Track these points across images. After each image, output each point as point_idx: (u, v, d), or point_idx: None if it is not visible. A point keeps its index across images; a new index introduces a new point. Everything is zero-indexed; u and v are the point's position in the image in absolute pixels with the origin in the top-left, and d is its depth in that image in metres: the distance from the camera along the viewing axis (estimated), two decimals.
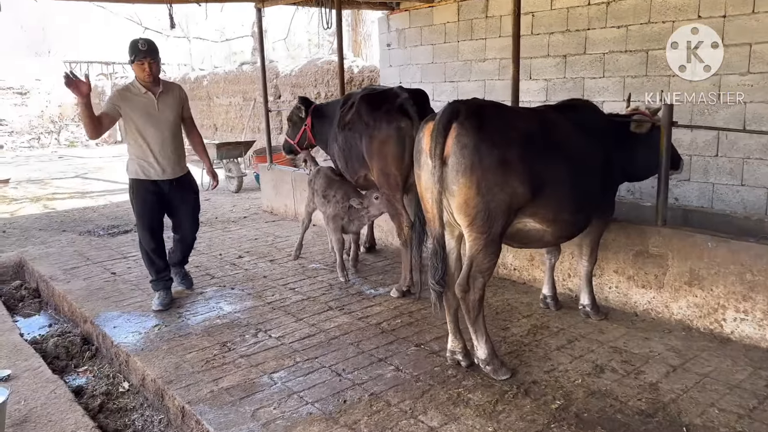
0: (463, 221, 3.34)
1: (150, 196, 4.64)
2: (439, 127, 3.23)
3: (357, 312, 4.62)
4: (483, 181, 3.22)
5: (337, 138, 5.20)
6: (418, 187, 3.54)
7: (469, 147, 3.21)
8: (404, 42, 9.02)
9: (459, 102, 3.36)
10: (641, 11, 6.23)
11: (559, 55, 7.07)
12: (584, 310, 4.35)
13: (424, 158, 3.40)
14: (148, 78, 4.46)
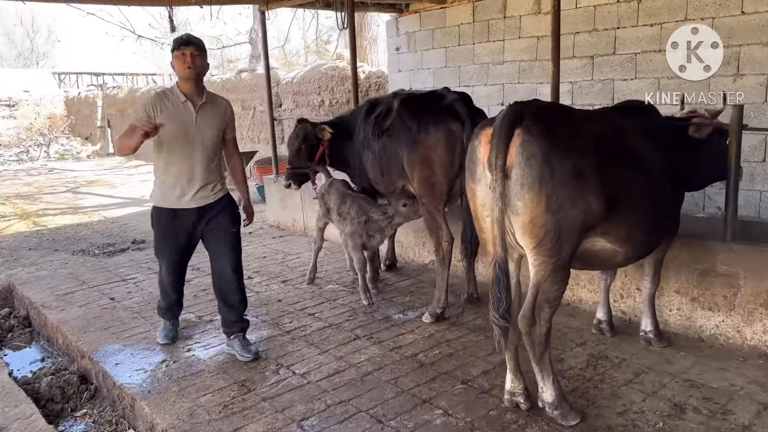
0: (529, 243, 2.87)
1: (170, 228, 3.89)
2: (501, 134, 2.76)
3: (388, 341, 4.13)
4: (553, 197, 2.76)
5: (371, 147, 4.76)
6: (472, 203, 3.07)
7: (537, 156, 2.75)
8: (414, 45, 8.59)
9: (521, 104, 2.90)
10: (677, 8, 5.81)
11: (585, 56, 6.65)
12: (645, 336, 3.89)
13: (480, 170, 2.93)
14: (189, 71, 3.63)
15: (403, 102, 4.56)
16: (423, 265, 5.84)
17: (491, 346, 3.93)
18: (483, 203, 2.95)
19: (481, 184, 2.93)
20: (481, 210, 2.98)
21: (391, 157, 4.55)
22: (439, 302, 4.45)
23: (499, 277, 2.85)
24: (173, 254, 4.02)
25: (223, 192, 3.96)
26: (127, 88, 20.41)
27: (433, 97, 4.48)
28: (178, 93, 3.75)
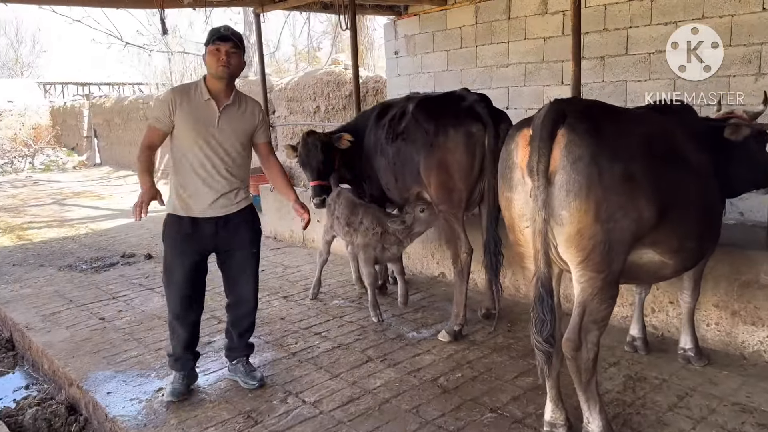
0: (575, 257, 2.57)
1: (182, 240, 3.38)
2: (542, 135, 2.46)
3: (404, 364, 3.81)
4: (603, 204, 2.46)
5: (384, 152, 4.47)
6: (508, 213, 2.76)
7: (585, 159, 2.45)
8: (414, 49, 8.30)
9: (562, 101, 2.60)
10: (693, 6, 5.57)
11: (595, 57, 6.39)
12: (685, 354, 3.60)
13: (518, 176, 2.63)
14: (222, 71, 3.23)
15: (419, 104, 4.28)
16: (432, 277, 5.54)
17: (518, 368, 3.66)
18: (521, 213, 2.65)
19: (518, 192, 2.63)
20: (518, 221, 2.68)
21: (406, 161, 4.25)
22: (458, 318, 4.15)
23: (542, 296, 2.55)
24: (185, 274, 3.44)
25: (246, 202, 3.55)
26: (114, 97, 19.99)
27: (451, 98, 4.20)
28: (203, 89, 3.33)
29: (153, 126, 3.37)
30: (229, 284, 3.63)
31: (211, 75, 3.32)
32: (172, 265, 3.44)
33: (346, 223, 4.59)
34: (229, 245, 3.49)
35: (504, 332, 4.23)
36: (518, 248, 2.78)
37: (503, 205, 2.78)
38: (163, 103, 3.34)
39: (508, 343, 4.05)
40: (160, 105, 3.37)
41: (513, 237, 2.79)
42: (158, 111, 3.36)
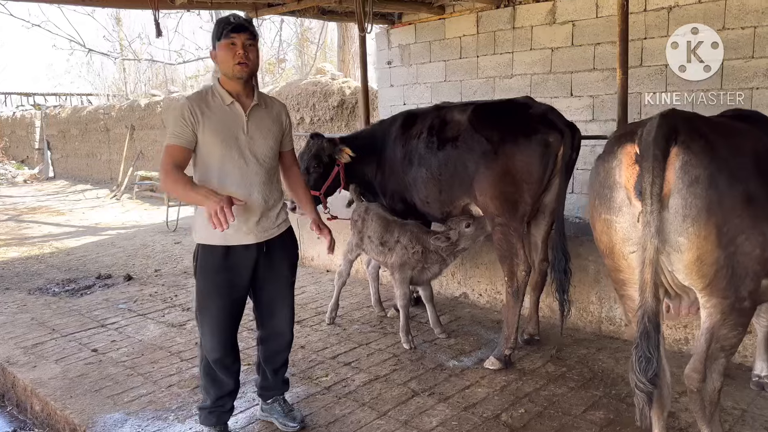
0: (697, 283, 2.32)
1: (224, 273, 2.89)
2: (656, 154, 2.19)
3: (456, 398, 3.45)
4: (725, 227, 2.22)
5: (424, 162, 4.14)
6: (606, 237, 2.46)
7: (703, 180, 2.20)
8: (409, 59, 8.02)
9: (669, 115, 2.33)
10: (713, 16, 5.46)
11: (607, 69, 6.23)
12: (760, 381, 3.36)
13: (622, 198, 2.35)
14: (241, 69, 2.77)
15: (477, 110, 3.97)
16: (453, 298, 5.20)
17: (583, 401, 3.35)
18: (625, 237, 2.37)
19: (622, 214, 2.36)
20: (621, 246, 2.40)
21: (457, 171, 3.94)
22: (508, 342, 3.83)
23: (648, 332, 2.27)
24: (227, 313, 2.94)
25: (286, 224, 3.11)
26: (70, 107, 19.00)
27: (515, 106, 3.92)
28: (221, 92, 2.86)
29: (173, 144, 2.79)
30: (263, 315, 3.16)
31: (226, 75, 2.85)
32: (210, 303, 2.93)
33: (380, 242, 4.21)
34: (267, 275, 3.04)
35: (553, 359, 3.92)
36: (617, 274, 2.50)
37: (600, 227, 2.48)
38: (180, 115, 2.80)
39: (561, 371, 3.74)
40: (176, 119, 2.81)
41: (612, 263, 2.50)
42: (176, 126, 2.80)
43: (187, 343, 4.48)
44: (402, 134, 4.42)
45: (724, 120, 2.85)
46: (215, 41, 2.86)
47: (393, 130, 4.58)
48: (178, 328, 4.84)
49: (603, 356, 3.93)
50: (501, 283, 4.85)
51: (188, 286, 6.10)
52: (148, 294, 5.87)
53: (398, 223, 4.23)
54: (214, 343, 2.95)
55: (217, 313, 2.93)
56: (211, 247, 2.90)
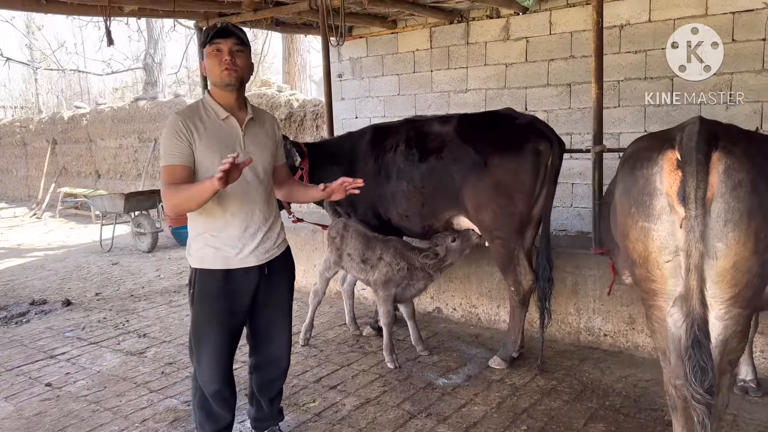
0: (725, 293, 2.30)
1: (224, 299, 2.69)
2: (699, 158, 2.18)
3: (454, 418, 3.36)
4: (762, 234, 2.23)
5: (405, 175, 4.06)
6: (642, 245, 2.42)
7: (746, 185, 2.20)
8: (360, 72, 7.95)
9: (707, 121, 2.34)
10: (662, 35, 5.72)
11: (561, 84, 6.40)
12: (744, 385, 3.48)
13: (662, 205, 2.31)
14: (229, 75, 2.58)
15: (463, 121, 3.94)
16: (426, 313, 5.12)
17: (580, 413, 3.35)
18: (663, 246, 2.34)
19: (662, 222, 2.32)
20: (657, 254, 2.36)
21: (442, 183, 3.89)
22: (515, 345, 3.94)
23: (700, 341, 2.22)
24: (226, 341, 2.75)
25: (285, 243, 2.94)
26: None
27: (500, 116, 3.93)
28: (214, 106, 2.66)
29: (170, 165, 2.55)
30: (260, 341, 2.97)
31: (215, 85, 2.67)
32: (210, 332, 2.72)
33: (361, 260, 4.08)
34: (267, 298, 2.85)
35: (541, 372, 3.91)
36: (649, 284, 2.46)
37: (635, 235, 2.45)
38: (174, 133, 2.57)
39: (552, 384, 3.73)
40: (169, 137, 2.58)
41: (643, 272, 2.47)
42: (171, 144, 2.57)
43: (152, 372, 4.17)
44: (373, 148, 4.34)
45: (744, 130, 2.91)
46: (202, 48, 2.69)
47: (363, 144, 4.49)
48: (138, 356, 4.51)
49: (588, 367, 3.96)
50: (476, 297, 4.84)
51: (139, 311, 5.73)
52: (96, 320, 5.45)
53: (380, 239, 4.12)
54: (212, 374, 2.73)
55: (217, 342, 2.72)
56: (209, 272, 2.69)
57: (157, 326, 5.20)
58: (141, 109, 11.43)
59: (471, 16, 6.90)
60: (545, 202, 3.76)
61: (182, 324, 5.23)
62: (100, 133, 12.37)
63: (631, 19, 5.86)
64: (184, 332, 5.00)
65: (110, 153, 12.19)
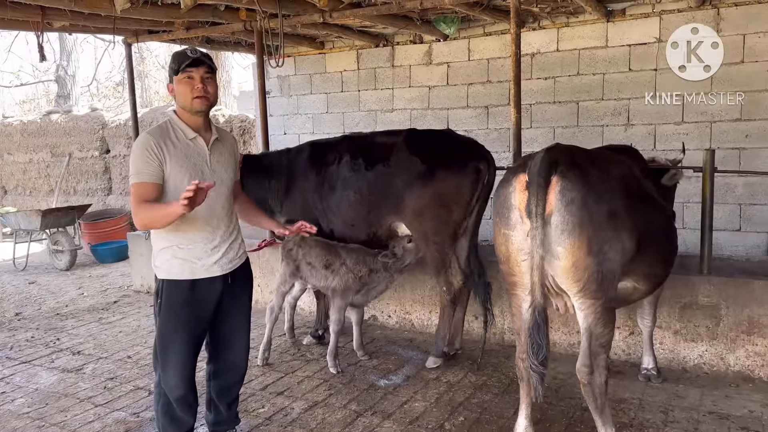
0: (573, 287, 2.85)
1: (190, 308, 2.85)
2: (540, 181, 2.73)
3: (398, 414, 3.64)
4: (594, 239, 2.77)
5: (351, 185, 4.35)
6: (504, 248, 2.96)
7: (577, 202, 2.75)
8: (289, 90, 8.16)
9: (552, 150, 2.88)
10: (569, 63, 6.35)
11: (480, 106, 6.90)
12: (648, 373, 3.99)
13: (516, 217, 2.86)
14: (200, 103, 2.76)
15: (412, 136, 4.30)
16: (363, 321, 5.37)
17: (510, 404, 3.73)
18: (519, 248, 2.87)
19: (517, 230, 2.87)
20: (515, 255, 2.90)
21: (385, 191, 4.21)
22: (445, 341, 4.30)
23: (538, 323, 2.78)
24: (191, 349, 2.90)
25: (245, 254, 3.12)
26: None
27: (444, 134, 4.35)
28: (182, 126, 2.83)
29: (141, 182, 2.71)
30: (219, 348, 3.14)
31: (185, 109, 2.84)
32: (176, 339, 2.87)
33: (324, 266, 4.27)
34: (229, 306, 3.03)
35: (473, 370, 4.27)
36: (511, 278, 2.99)
37: (500, 240, 2.97)
38: (145, 152, 2.72)
39: (483, 380, 4.10)
40: (140, 156, 2.73)
41: (507, 268, 2.99)
42: (142, 163, 2.72)
43: (94, 387, 4.18)
44: (313, 164, 4.58)
45: (602, 151, 3.46)
46: (172, 75, 2.84)
47: (301, 160, 4.72)
48: (75, 372, 4.48)
49: (513, 363, 4.28)
50: (409, 304, 5.17)
51: (68, 329, 5.64)
52: (24, 339, 5.32)
53: (341, 246, 4.34)
54: (178, 380, 2.88)
55: (183, 349, 2.88)
56: (176, 282, 2.85)
57: (90, 343, 5.15)
58: (54, 122, 11.04)
59: (396, 41, 7.30)
60: (477, 214, 4.17)
61: (117, 340, 5.21)
62: (8, 147, 11.80)
63: (541, 48, 6.46)
64: (120, 348, 5.00)
65: (19, 168, 11.65)
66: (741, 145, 5.67)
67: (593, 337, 2.92)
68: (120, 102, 15.39)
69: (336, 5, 5.43)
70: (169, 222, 2.65)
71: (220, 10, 5.71)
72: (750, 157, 5.65)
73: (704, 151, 4.03)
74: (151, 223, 2.71)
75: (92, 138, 10.48)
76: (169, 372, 2.87)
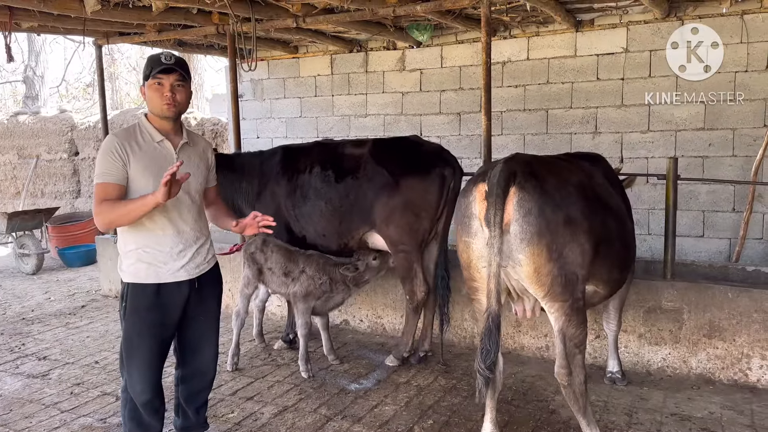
0: (539, 291, 2.93)
1: (155, 312, 2.83)
2: (498, 192, 2.80)
3: (368, 418, 3.66)
4: (553, 245, 2.85)
5: (322, 195, 4.36)
6: (466, 255, 3.02)
7: (534, 212, 2.83)
8: (262, 93, 8.14)
9: (510, 161, 2.95)
10: (539, 72, 6.46)
11: (452, 113, 6.98)
12: (612, 376, 4.08)
13: (476, 225, 2.92)
14: (168, 110, 2.77)
15: (377, 145, 4.31)
16: (334, 326, 5.38)
17: (478, 407, 3.73)
18: (479, 255, 2.94)
19: (477, 238, 2.94)
20: (476, 262, 2.97)
21: (357, 201, 4.24)
22: (407, 346, 4.40)
23: (491, 329, 2.82)
24: (154, 353, 2.86)
25: (214, 259, 3.10)
26: None
27: (410, 142, 4.34)
28: (150, 129, 2.83)
29: (104, 183, 2.70)
30: (187, 353, 3.11)
31: (154, 113, 2.84)
32: (141, 344, 2.84)
33: (283, 273, 4.28)
34: (197, 311, 3.01)
35: (441, 372, 4.31)
36: (472, 283, 3.06)
37: (461, 247, 3.03)
38: (109, 153, 2.72)
39: (452, 384, 4.14)
40: (104, 157, 2.72)
41: (468, 274, 3.06)
42: (105, 164, 2.71)
43: (60, 393, 4.12)
44: (285, 169, 4.59)
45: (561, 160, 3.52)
46: (145, 78, 2.84)
47: (273, 164, 4.72)
48: (41, 378, 4.41)
49: None
50: (381, 308, 5.20)
51: (34, 333, 5.54)
52: None
53: (302, 253, 4.35)
54: (144, 385, 2.85)
55: (148, 355, 2.85)
56: (141, 286, 2.83)
57: (56, 348, 5.07)
58: (21, 123, 10.82)
59: (369, 47, 7.35)
60: (445, 221, 4.22)
61: (84, 345, 5.14)
62: None
63: (512, 57, 6.56)
64: (87, 353, 4.94)
65: None
66: (704, 154, 5.84)
67: (567, 339, 2.99)
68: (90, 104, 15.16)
69: (309, 10, 5.46)
70: (140, 215, 2.66)
71: (193, 13, 5.68)
72: (713, 165, 5.82)
73: (668, 159, 4.13)
74: (118, 218, 2.69)
75: (61, 140, 10.31)
76: (134, 377, 2.85)
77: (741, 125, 5.66)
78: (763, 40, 5.50)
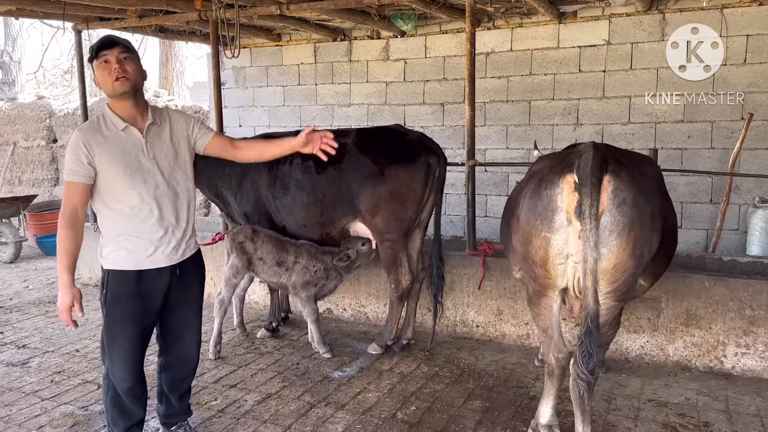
0: (605, 288, 2.77)
1: (135, 299, 2.81)
2: (593, 181, 2.65)
3: (351, 404, 3.69)
4: (639, 240, 2.74)
5: (303, 186, 4.32)
6: (542, 251, 2.85)
7: (629, 201, 2.70)
8: (244, 82, 8.09)
9: (600, 148, 2.83)
10: (522, 63, 6.50)
11: (436, 103, 7.00)
12: None
13: (561, 219, 2.77)
14: (121, 84, 2.66)
15: (361, 135, 4.29)
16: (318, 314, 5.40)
17: (460, 393, 3.83)
18: (559, 252, 2.79)
19: (560, 233, 2.77)
20: (554, 258, 2.82)
21: (340, 192, 4.22)
22: (390, 334, 4.41)
23: (591, 331, 2.68)
24: (136, 340, 2.85)
25: (197, 245, 3.08)
26: None
27: (393, 132, 4.33)
28: (113, 118, 2.75)
29: (70, 182, 2.69)
30: (169, 341, 3.10)
31: (111, 97, 2.76)
32: (122, 331, 2.82)
33: (276, 263, 4.28)
34: (178, 298, 2.99)
35: (424, 360, 4.35)
36: (546, 280, 2.92)
37: (538, 243, 2.86)
38: (74, 149, 2.68)
39: (434, 371, 4.18)
40: (70, 155, 2.69)
41: (541, 271, 2.90)
42: (72, 162, 2.69)
43: (40, 381, 4.09)
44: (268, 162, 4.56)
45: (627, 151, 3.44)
46: (91, 64, 2.77)
47: None
48: (21, 366, 4.37)
49: (464, 354, 4.47)
50: (364, 297, 5.21)
51: (12, 322, 5.48)
52: None
53: (292, 242, 4.35)
54: (125, 372, 2.84)
55: (129, 342, 2.84)
56: (121, 273, 2.81)
57: (36, 337, 5.02)
58: None
59: (353, 36, 7.32)
60: (433, 210, 4.25)
61: (64, 334, 5.09)
62: None
63: (495, 47, 6.59)
64: (68, 341, 4.89)
65: None
66: (683, 146, 5.94)
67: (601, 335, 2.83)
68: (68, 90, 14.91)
69: None
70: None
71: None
72: (691, 157, 5.91)
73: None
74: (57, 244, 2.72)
75: (38, 127, 10.13)
76: (115, 364, 2.84)
77: (719, 118, 5.77)
78: (741, 34, 5.59)
